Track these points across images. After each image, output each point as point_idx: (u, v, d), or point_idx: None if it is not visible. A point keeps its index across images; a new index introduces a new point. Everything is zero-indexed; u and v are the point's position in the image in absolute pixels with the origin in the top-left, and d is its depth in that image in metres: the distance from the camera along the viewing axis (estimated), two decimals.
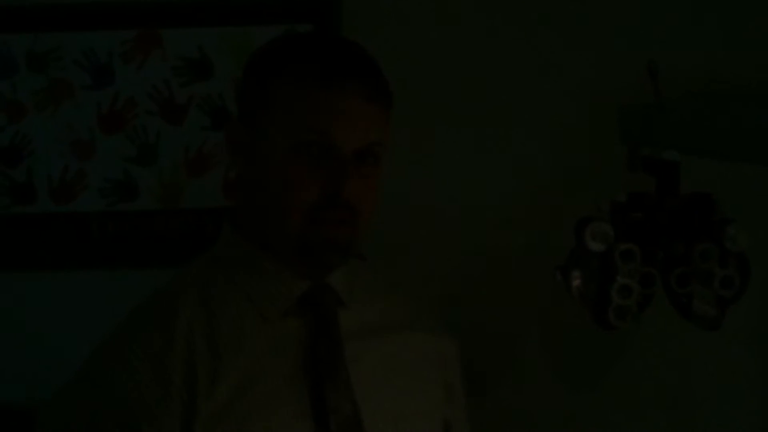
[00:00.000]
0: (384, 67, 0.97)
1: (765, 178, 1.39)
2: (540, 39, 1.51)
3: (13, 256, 1.55)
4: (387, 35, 1.50)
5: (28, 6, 1.52)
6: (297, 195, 0.89)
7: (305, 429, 0.89)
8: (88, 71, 1.53)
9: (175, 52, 1.52)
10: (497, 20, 1.51)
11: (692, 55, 1.47)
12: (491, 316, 1.54)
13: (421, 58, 1.51)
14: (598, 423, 1.56)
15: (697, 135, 1.13)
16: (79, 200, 1.54)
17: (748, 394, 1.55)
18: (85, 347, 0.97)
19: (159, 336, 0.90)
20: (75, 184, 1.54)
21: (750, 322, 1.48)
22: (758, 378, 1.55)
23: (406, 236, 1.53)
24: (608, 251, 1.12)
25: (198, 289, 0.95)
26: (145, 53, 1.53)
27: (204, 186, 1.54)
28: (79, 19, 1.52)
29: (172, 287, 0.98)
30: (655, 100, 1.18)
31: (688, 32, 1.49)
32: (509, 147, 1.53)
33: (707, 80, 1.42)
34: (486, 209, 1.53)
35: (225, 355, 0.90)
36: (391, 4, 1.51)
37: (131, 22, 1.52)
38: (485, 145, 1.53)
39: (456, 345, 1.11)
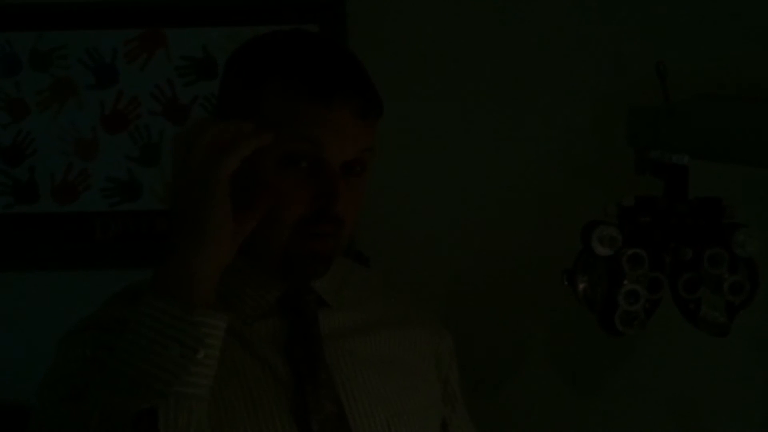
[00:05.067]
0: (387, 67, 0.95)
1: None
2: (548, 40, 1.50)
3: (15, 255, 1.55)
4: (390, 35, 1.49)
5: (32, 4, 1.51)
6: (286, 209, 0.87)
7: (287, 431, 0.87)
8: (91, 70, 1.52)
9: (180, 51, 1.52)
10: (504, 21, 1.50)
11: (702, 57, 1.46)
12: (496, 319, 1.53)
13: (423, 58, 1.50)
14: (602, 427, 1.55)
15: (706, 138, 1.12)
16: (82, 200, 1.54)
17: (753, 400, 1.54)
18: None
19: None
20: (78, 184, 1.54)
21: (757, 328, 1.47)
22: (764, 385, 1.53)
23: (410, 237, 1.52)
24: (615, 256, 1.10)
25: None
26: (150, 52, 1.52)
27: None
28: (83, 18, 1.51)
29: (141, 287, 0.93)
30: (664, 102, 1.17)
31: (698, 34, 1.48)
32: (516, 148, 1.52)
33: (717, 82, 1.41)
34: (492, 211, 1.52)
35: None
36: (394, 4, 1.50)
37: (135, 21, 1.51)
38: (491, 146, 1.52)
39: (451, 340, 1.10)
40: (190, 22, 1.51)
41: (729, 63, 1.47)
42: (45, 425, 0.81)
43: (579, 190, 1.49)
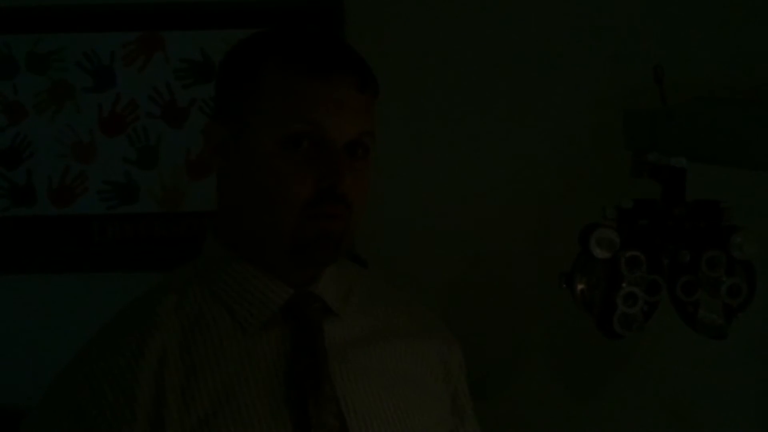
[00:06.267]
0: (386, 68, 0.95)
1: None
2: (546, 43, 1.50)
3: (12, 258, 1.54)
4: (389, 36, 1.49)
5: (29, 7, 1.51)
6: (290, 190, 0.85)
7: None
8: (89, 73, 1.52)
9: (178, 54, 1.52)
10: (502, 22, 1.51)
11: (699, 60, 1.47)
12: (494, 322, 1.53)
13: (423, 60, 1.51)
14: (600, 429, 1.55)
15: (703, 141, 1.12)
16: (79, 203, 1.53)
17: (751, 402, 1.54)
18: None
19: (129, 352, 0.87)
20: (75, 187, 1.53)
21: (755, 331, 1.47)
22: (762, 387, 1.53)
23: (408, 240, 1.52)
24: (614, 258, 1.11)
25: (176, 301, 0.91)
26: (147, 55, 1.52)
27: (205, 189, 1.53)
28: (81, 21, 1.51)
29: (149, 299, 0.94)
30: (661, 105, 1.17)
31: (695, 37, 1.49)
32: (513, 151, 1.52)
33: (713, 85, 1.41)
34: (490, 214, 1.52)
35: (201, 370, 0.86)
36: (393, 6, 1.50)
37: (133, 23, 1.51)
38: (489, 149, 1.52)
39: (460, 351, 1.07)
40: (188, 25, 1.51)
41: (726, 66, 1.47)
42: None
43: (577, 192, 1.49)
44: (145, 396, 0.84)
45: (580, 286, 1.16)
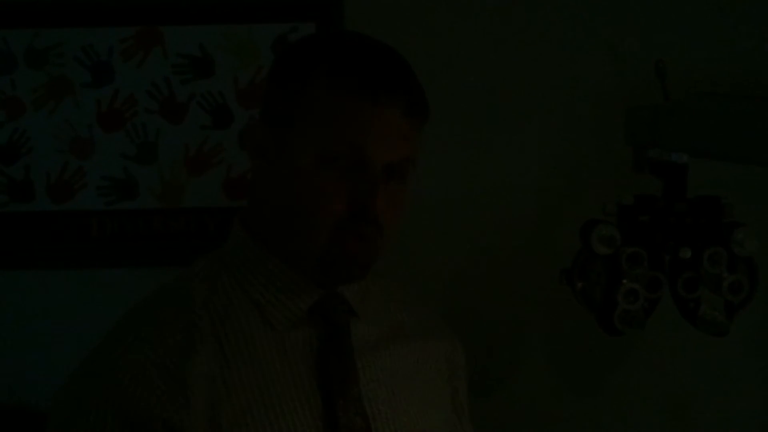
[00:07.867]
0: None
1: None
2: (546, 39, 1.50)
3: (10, 254, 1.53)
4: (389, 34, 1.47)
5: (27, 2, 1.50)
6: (323, 208, 0.85)
7: None
8: (87, 68, 1.51)
9: (176, 49, 1.51)
10: (502, 20, 1.50)
11: (701, 56, 1.46)
12: (494, 318, 1.53)
13: (422, 57, 1.48)
14: (600, 427, 1.55)
15: (705, 137, 1.12)
16: (78, 199, 1.53)
17: (752, 400, 1.54)
18: (85, 347, 0.95)
19: (172, 341, 0.87)
20: (74, 183, 1.53)
21: (757, 328, 1.47)
22: (763, 385, 1.53)
23: (408, 237, 1.51)
24: (614, 255, 1.10)
25: (205, 293, 0.92)
26: (146, 50, 1.51)
27: (204, 185, 1.53)
28: (80, 16, 1.50)
29: (181, 291, 0.94)
30: (663, 100, 1.17)
31: (697, 32, 1.48)
32: (513, 147, 1.51)
33: (716, 81, 1.41)
34: (490, 210, 1.52)
35: (234, 363, 0.87)
36: (393, 3, 1.49)
37: (132, 18, 1.50)
38: (489, 145, 1.52)
39: (463, 353, 1.09)
40: (186, 20, 1.50)
41: (728, 61, 1.47)
42: None
43: (578, 188, 1.48)
44: (197, 384, 0.84)
45: (580, 283, 1.16)
